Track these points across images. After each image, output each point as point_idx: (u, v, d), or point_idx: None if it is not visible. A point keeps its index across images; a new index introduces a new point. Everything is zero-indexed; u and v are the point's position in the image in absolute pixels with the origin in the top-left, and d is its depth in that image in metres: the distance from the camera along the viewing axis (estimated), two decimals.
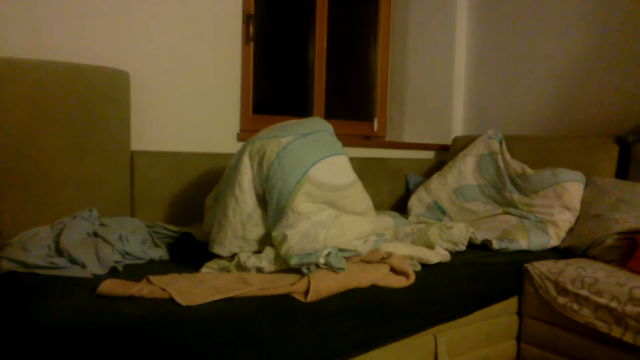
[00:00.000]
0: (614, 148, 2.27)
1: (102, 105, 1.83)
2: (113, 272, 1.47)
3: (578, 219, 2.16)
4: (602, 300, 1.63)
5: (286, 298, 1.34)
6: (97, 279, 1.33)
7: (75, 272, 1.41)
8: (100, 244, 1.54)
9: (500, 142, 2.56)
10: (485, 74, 2.99)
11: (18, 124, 1.68)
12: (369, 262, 1.59)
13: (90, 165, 1.82)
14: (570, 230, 2.15)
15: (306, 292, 1.36)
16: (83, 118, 1.79)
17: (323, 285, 1.38)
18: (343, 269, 1.45)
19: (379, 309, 1.49)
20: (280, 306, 1.32)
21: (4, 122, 1.66)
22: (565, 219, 2.16)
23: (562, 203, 2.18)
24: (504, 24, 2.89)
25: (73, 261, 1.45)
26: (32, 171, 1.71)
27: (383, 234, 1.73)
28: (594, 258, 1.94)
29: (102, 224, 1.71)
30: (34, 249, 1.48)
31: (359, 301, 1.45)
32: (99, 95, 1.82)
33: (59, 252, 1.50)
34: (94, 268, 1.44)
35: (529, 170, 2.37)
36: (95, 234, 1.64)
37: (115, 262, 1.51)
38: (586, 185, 2.23)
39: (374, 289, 1.49)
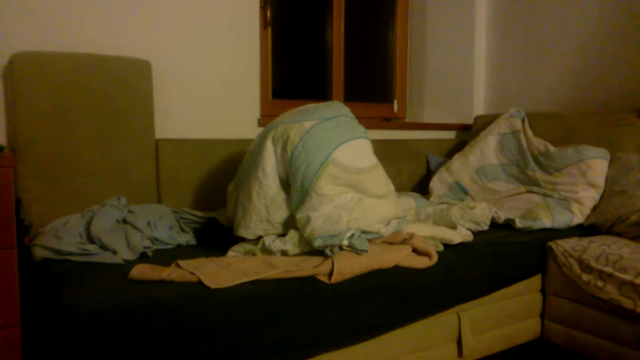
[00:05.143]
0: (639, 123, 2.23)
1: (126, 95, 1.87)
2: (143, 258, 1.52)
3: (602, 195, 2.14)
4: (627, 277, 1.62)
5: (311, 280, 1.37)
6: (128, 264, 1.38)
7: (106, 258, 1.46)
8: (129, 231, 1.59)
9: (523, 120, 2.54)
10: (506, 52, 2.95)
11: (44, 116, 1.73)
12: (391, 243, 1.60)
13: (116, 154, 1.86)
14: (595, 208, 2.13)
15: (330, 274, 1.38)
16: (107, 108, 1.83)
17: (347, 266, 1.40)
18: (366, 250, 1.47)
19: (402, 289, 1.51)
20: (305, 288, 1.35)
21: (30, 114, 1.70)
22: (589, 197, 2.14)
23: (586, 180, 2.16)
24: (524, 0, 2.84)
25: (104, 247, 1.50)
26: (59, 162, 1.76)
27: (404, 215, 1.74)
28: (618, 235, 1.93)
29: (130, 211, 1.75)
30: (66, 237, 1.53)
31: (382, 282, 1.47)
32: (122, 85, 1.86)
33: (90, 239, 1.55)
34: (124, 254, 1.49)
35: (552, 148, 2.35)
36: (125, 221, 1.69)
37: (145, 247, 1.56)
38: (610, 161, 2.20)
39: (397, 270, 1.51)
